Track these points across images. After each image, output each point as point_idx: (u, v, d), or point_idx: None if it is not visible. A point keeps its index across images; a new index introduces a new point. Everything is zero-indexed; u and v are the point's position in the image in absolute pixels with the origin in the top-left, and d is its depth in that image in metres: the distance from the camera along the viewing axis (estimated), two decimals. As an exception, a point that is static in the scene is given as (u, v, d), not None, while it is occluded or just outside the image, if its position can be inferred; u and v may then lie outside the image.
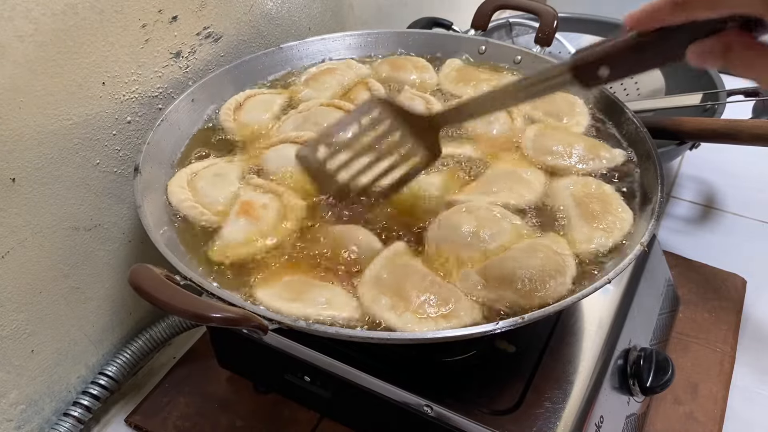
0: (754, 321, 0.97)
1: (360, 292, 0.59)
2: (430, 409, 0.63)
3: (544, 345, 0.70)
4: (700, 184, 1.26)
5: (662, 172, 0.69)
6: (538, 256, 0.61)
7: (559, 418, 0.63)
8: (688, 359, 0.90)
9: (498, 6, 1.00)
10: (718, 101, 1.04)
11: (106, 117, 0.74)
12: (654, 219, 0.63)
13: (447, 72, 0.93)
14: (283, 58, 0.93)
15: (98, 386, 0.82)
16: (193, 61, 0.84)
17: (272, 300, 0.58)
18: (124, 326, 0.89)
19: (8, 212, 0.66)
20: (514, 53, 0.95)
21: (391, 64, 0.94)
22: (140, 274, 0.51)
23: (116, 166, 0.78)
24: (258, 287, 0.60)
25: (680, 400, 0.85)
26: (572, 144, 0.76)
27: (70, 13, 0.65)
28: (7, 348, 0.72)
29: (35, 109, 0.65)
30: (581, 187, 0.70)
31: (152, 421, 0.82)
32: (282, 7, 0.98)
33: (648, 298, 0.83)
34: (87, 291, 0.80)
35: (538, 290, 0.58)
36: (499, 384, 0.66)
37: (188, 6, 0.80)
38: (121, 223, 0.82)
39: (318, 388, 0.72)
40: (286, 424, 0.81)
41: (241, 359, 0.81)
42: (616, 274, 0.56)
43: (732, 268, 1.04)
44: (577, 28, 1.31)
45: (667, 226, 1.15)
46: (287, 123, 0.81)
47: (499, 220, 0.65)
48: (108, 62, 0.72)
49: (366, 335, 0.53)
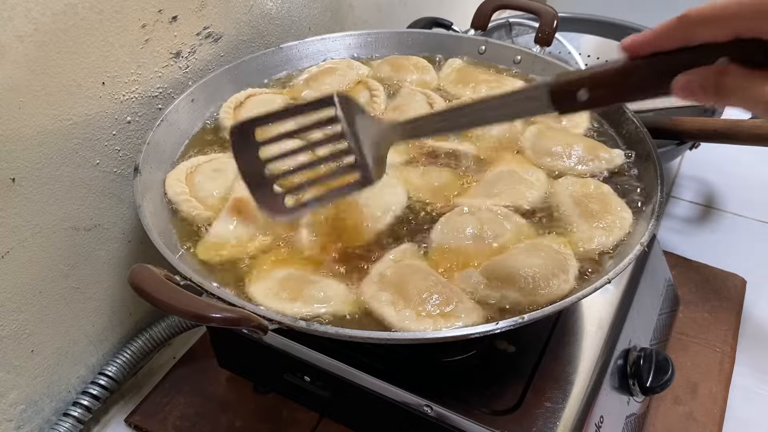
0: (753, 321, 0.97)
1: (362, 289, 0.59)
2: (430, 409, 0.63)
3: (544, 345, 0.70)
4: (699, 184, 1.26)
5: (662, 172, 0.69)
6: (540, 255, 0.61)
7: (559, 418, 0.63)
8: (688, 359, 0.90)
9: (498, 6, 1.00)
10: (717, 101, 1.04)
11: (105, 117, 0.74)
12: (654, 219, 0.63)
13: (447, 73, 0.93)
14: (282, 58, 0.93)
15: (98, 386, 0.82)
16: (193, 61, 0.84)
17: (266, 298, 0.58)
18: (124, 326, 0.89)
19: (8, 212, 0.66)
20: (514, 53, 0.95)
21: (392, 64, 0.94)
22: (140, 275, 0.51)
23: (116, 166, 0.78)
24: (250, 284, 0.61)
25: (680, 400, 0.85)
26: (571, 145, 0.77)
27: (69, 13, 0.65)
28: (7, 348, 0.72)
29: (35, 109, 0.65)
30: (580, 187, 0.70)
31: (152, 421, 0.82)
32: (282, 7, 0.98)
33: (648, 298, 0.83)
34: (87, 291, 0.80)
35: (541, 289, 0.58)
36: (499, 384, 0.66)
37: (188, 6, 0.80)
38: (121, 223, 0.82)
39: (318, 388, 0.72)
40: (286, 424, 0.81)
41: (240, 359, 0.81)
42: (616, 274, 0.56)
43: (732, 268, 1.04)
44: (577, 28, 1.31)
45: (667, 226, 1.15)
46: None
47: (502, 221, 0.66)
48: (108, 62, 0.72)
49: (366, 335, 0.53)
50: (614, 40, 1.28)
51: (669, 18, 0.40)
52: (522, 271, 0.59)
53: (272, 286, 0.60)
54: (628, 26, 1.26)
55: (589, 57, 1.32)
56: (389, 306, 0.57)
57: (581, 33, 1.31)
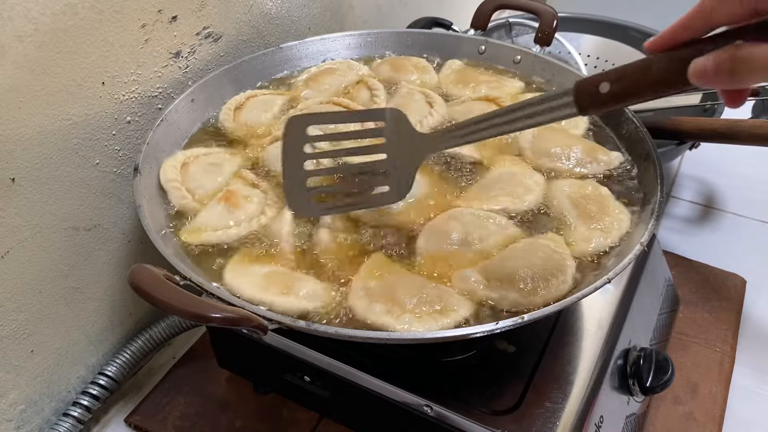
0: (753, 321, 0.97)
1: (351, 304, 0.59)
2: (430, 409, 0.63)
3: (544, 345, 0.70)
4: (699, 184, 1.26)
5: (662, 171, 0.69)
6: (539, 255, 0.61)
7: (559, 418, 0.63)
8: (688, 359, 0.90)
9: (497, 6, 1.00)
10: (717, 101, 1.04)
11: (105, 117, 0.74)
12: (654, 219, 0.63)
13: (447, 73, 0.93)
14: (282, 58, 0.93)
15: (98, 386, 0.82)
16: (193, 61, 0.84)
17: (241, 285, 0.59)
18: (123, 326, 0.89)
19: (8, 212, 0.66)
20: (514, 53, 0.95)
21: (392, 65, 0.94)
22: (140, 274, 0.51)
23: (116, 166, 0.78)
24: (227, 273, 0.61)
25: (680, 400, 0.85)
26: (570, 146, 0.77)
27: (69, 13, 0.65)
28: (7, 348, 0.72)
29: (35, 109, 0.65)
30: (577, 189, 0.71)
31: (152, 421, 0.82)
32: (281, 7, 0.98)
33: (648, 298, 0.83)
34: (87, 291, 0.80)
35: (540, 289, 0.58)
36: (499, 384, 0.66)
37: (188, 6, 0.80)
38: (121, 223, 0.82)
39: (318, 388, 0.72)
40: (286, 424, 0.81)
41: (240, 359, 0.81)
42: (616, 274, 0.56)
43: (732, 268, 1.04)
44: (577, 28, 1.31)
45: (667, 226, 1.15)
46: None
47: (486, 223, 0.66)
48: (107, 62, 0.71)
49: (366, 335, 0.53)
50: (614, 40, 1.28)
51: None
52: (521, 272, 0.59)
53: (258, 281, 0.60)
54: (628, 26, 1.26)
55: (589, 57, 1.32)
56: (386, 315, 0.57)
57: (581, 33, 1.31)
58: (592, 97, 0.46)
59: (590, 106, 0.47)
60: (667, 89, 0.44)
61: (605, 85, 0.45)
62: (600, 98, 0.46)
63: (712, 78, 0.40)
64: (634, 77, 0.44)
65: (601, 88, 0.45)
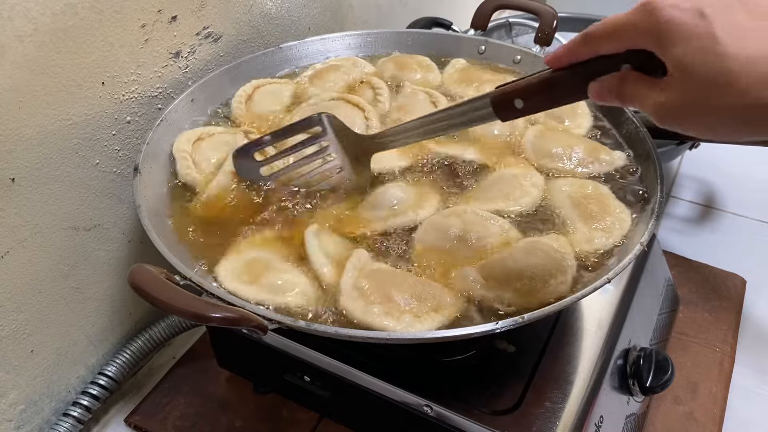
0: (753, 321, 0.97)
1: (343, 306, 0.58)
2: (430, 409, 0.63)
3: (544, 345, 0.70)
4: (699, 184, 1.26)
5: (662, 171, 0.69)
6: (539, 255, 0.61)
7: (559, 418, 0.63)
8: (688, 359, 0.90)
9: (498, 6, 1.00)
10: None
11: (105, 117, 0.74)
12: (654, 219, 0.63)
13: (450, 72, 0.93)
14: (282, 58, 0.93)
15: (98, 386, 0.82)
16: (193, 61, 0.84)
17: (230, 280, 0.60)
18: (123, 326, 0.89)
19: (8, 212, 0.66)
20: (514, 53, 0.95)
21: (396, 63, 0.94)
22: (140, 274, 0.51)
23: (116, 166, 0.78)
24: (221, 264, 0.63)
25: (680, 400, 0.85)
26: (572, 146, 0.76)
27: (69, 13, 0.65)
28: (7, 348, 0.72)
29: (35, 109, 0.65)
30: (578, 188, 0.70)
31: (152, 421, 0.82)
32: (281, 7, 0.98)
33: (648, 298, 0.83)
34: (87, 291, 0.80)
35: (538, 289, 0.58)
36: (499, 384, 0.66)
37: (188, 6, 0.80)
38: (120, 223, 0.82)
39: (318, 388, 0.72)
40: (286, 424, 0.81)
41: (240, 359, 0.81)
42: (616, 274, 0.56)
43: (732, 268, 1.04)
44: (577, 28, 1.30)
45: (667, 226, 1.15)
46: (298, 116, 0.81)
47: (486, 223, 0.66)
48: (107, 62, 0.71)
49: (366, 335, 0.53)
50: (614, 40, 1.28)
51: None
52: (521, 271, 0.59)
53: (237, 266, 0.61)
54: (627, 26, 1.26)
55: (588, 57, 1.32)
56: (386, 317, 0.56)
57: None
58: (509, 110, 0.53)
59: (509, 116, 0.54)
60: (573, 100, 0.51)
61: (519, 102, 0.52)
62: (517, 112, 0.53)
63: (607, 99, 0.46)
64: (543, 93, 0.51)
65: (516, 104, 0.52)
